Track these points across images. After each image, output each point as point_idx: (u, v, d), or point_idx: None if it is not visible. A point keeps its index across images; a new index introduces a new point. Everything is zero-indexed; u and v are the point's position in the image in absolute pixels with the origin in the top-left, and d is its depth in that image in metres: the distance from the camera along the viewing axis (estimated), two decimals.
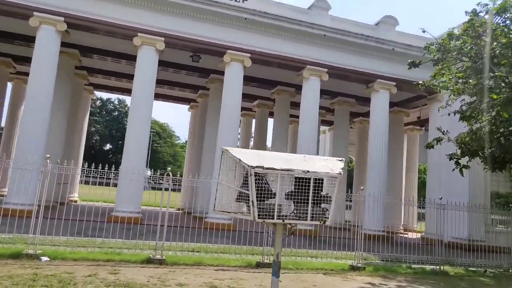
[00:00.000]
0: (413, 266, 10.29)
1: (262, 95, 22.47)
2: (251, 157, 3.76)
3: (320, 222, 3.79)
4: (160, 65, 16.73)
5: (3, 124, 22.38)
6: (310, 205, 3.72)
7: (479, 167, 16.75)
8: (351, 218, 20.67)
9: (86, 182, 11.32)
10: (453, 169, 9.67)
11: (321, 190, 3.89)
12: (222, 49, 16.07)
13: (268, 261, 8.59)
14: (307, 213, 3.73)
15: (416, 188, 24.95)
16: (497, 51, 8.73)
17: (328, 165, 3.96)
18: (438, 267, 10.08)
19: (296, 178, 3.88)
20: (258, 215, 3.61)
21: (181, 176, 9.62)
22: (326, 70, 17.33)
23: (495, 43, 9.02)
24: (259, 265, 8.47)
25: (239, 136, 28.07)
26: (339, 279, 7.86)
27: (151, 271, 6.89)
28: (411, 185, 24.55)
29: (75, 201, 21.38)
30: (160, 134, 74.96)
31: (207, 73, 19.39)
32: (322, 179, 3.88)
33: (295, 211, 3.81)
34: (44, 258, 7.16)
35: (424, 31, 10.14)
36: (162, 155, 74.19)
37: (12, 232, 8.28)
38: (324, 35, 16.95)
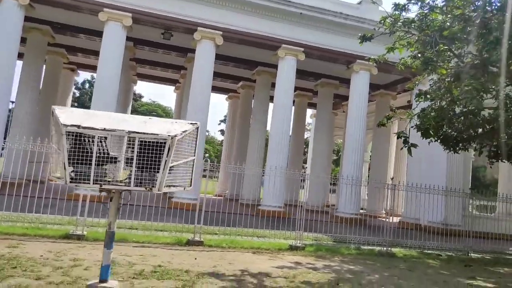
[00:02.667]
0: (362, 247, 9.98)
1: (246, 76, 22.02)
2: (78, 117, 3.48)
3: (146, 189, 3.50)
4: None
5: None
6: (134, 169, 3.43)
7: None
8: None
9: None
10: (401, 148, 9.23)
11: (163, 156, 3.60)
12: (193, 27, 15.68)
13: (198, 238, 8.40)
14: (132, 179, 3.45)
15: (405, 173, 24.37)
16: (447, 24, 8.18)
17: (168, 127, 3.66)
18: (384, 249, 9.75)
19: (141, 142, 3.61)
20: (72, 179, 3.34)
21: None
22: (303, 49, 16.79)
23: (449, 15, 8.46)
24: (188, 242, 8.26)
25: (226, 118, 27.76)
26: (265, 258, 7.61)
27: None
28: (401, 170, 24.07)
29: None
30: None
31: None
32: (163, 143, 3.58)
33: (128, 177, 3.53)
34: None
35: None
36: None
37: None
38: (301, 13, 16.37)
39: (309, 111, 27.76)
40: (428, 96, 8.88)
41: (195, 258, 6.93)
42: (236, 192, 19.67)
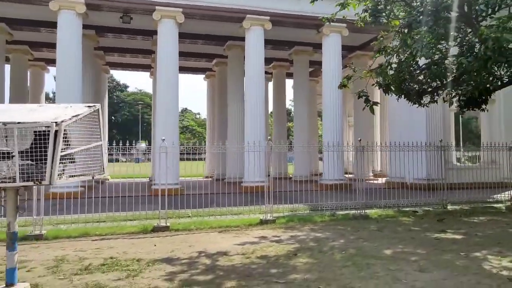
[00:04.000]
0: (338, 213, 9.83)
1: (219, 53, 21.42)
2: None
3: (35, 183, 3.22)
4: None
5: None
6: (17, 163, 3.13)
7: (436, 107, 16.04)
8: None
9: (112, 160, 11.34)
10: (363, 108, 8.93)
11: (49, 144, 3.29)
12: (151, 6, 15.06)
13: (164, 224, 8.20)
14: (17, 173, 3.15)
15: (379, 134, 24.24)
16: None
17: (59, 113, 3.33)
18: (358, 211, 9.60)
19: (30, 132, 3.30)
20: None
21: None
22: (269, 18, 16.25)
23: None
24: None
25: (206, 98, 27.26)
26: (230, 236, 7.43)
27: None
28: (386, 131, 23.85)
29: (107, 180, 21.43)
30: (150, 105, 74.40)
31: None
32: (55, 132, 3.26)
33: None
34: None
35: None
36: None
37: None
38: None
39: (290, 82, 27.33)
40: (387, 51, 8.51)
41: (155, 245, 6.74)
42: (222, 171, 19.59)
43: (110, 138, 11.61)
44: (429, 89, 9.29)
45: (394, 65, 8.52)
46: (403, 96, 9.06)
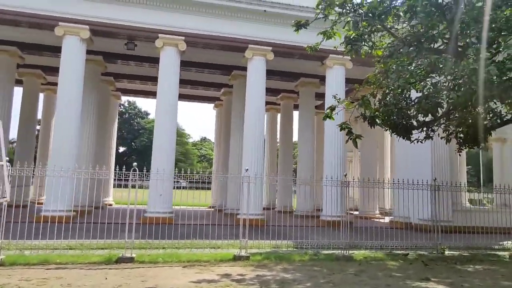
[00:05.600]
0: (323, 252, 9.17)
1: (226, 83, 21.48)
2: None
3: None
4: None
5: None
6: None
7: (442, 143, 15.33)
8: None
9: (119, 186, 11.20)
10: (346, 141, 8.46)
11: None
12: (154, 34, 15.27)
13: (129, 255, 7.75)
14: None
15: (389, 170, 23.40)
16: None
17: None
18: (342, 252, 8.88)
19: None
20: None
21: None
22: (271, 48, 16.21)
23: None
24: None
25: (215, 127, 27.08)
26: (192, 272, 6.89)
27: None
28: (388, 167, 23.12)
29: (110, 205, 21.53)
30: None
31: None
32: None
33: None
34: None
35: None
36: None
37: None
38: (265, 10, 15.83)
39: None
40: (371, 81, 8.13)
41: (106, 278, 6.30)
42: (224, 202, 19.15)
43: (129, 163, 11.67)
44: (417, 124, 8.80)
45: (378, 97, 8.10)
46: (390, 130, 8.56)
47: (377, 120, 8.09)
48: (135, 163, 8.53)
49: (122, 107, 77.00)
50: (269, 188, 24.76)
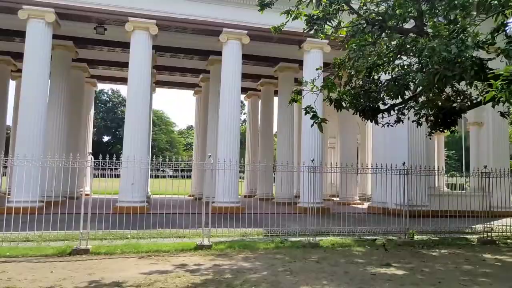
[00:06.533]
0: (290, 239, 9.00)
1: (203, 68, 20.99)
2: None
3: None
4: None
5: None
6: None
7: (418, 129, 15.22)
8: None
9: (97, 175, 10.72)
10: (311, 125, 8.22)
11: None
12: (124, 17, 14.71)
13: (84, 246, 7.45)
14: None
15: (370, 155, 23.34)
16: None
17: None
18: (307, 239, 8.71)
19: None
20: None
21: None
22: (246, 32, 15.77)
23: None
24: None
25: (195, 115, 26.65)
26: (146, 263, 6.60)
27: None
28: (369, 152, 23.01)
29: (87, 195, 20.99)
30: (154, 121, 74.52)
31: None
32: None
33: None
34: None
35: None
36: (158, 143, 73.98)
37: None
38: None
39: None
40: (336, 63, 7.85)
41: (52, 271, 6.00)
42: (202, 190, 18.90)
43: (114, 153, 11.36)
44: (389, 107, 8.58)
45: (344, 79, 7.84)
46: (358, 113, 8.33)
47: (343, 103, 7.83)
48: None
49: (106, 95, 75.80)
50: (250, 176, 24.58)
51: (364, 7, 7.37)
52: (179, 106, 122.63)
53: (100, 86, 32.54)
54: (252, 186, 23.74)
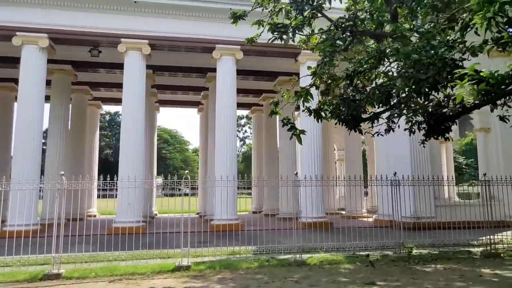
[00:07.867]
0: (278, 257, 8.57)
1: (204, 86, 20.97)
2: None
3: None
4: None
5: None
6: None
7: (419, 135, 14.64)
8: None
9: (104, 196, 10.63)
10: (290, 137, 7.89)
11: None
12: (117, 39, 14.82)
13: (56, 271, 7.19)
14: None
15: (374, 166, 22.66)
16: None
17: None
18: (293, 257, 8.25)
19: None
20: None
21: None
22: (239, 47, 15.66)
23: None
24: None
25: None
26: (116, 287, 6.35)
27: None
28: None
29: (94, 216, 21.13)
30: (168, 141, 75.17)
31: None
32: None
33: None
34: None
35: None
36: (173, 161, 74.38)
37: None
38: (230, 8, 15.27)
39: None
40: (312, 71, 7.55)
41: None
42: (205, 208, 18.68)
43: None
44: (374, 115, 8.19)
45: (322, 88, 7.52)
46: (340, 123, 7.96)
47: (322, 113, 7.49)
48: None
49: (119, 117, 77.02)
50: (257, 192, 24.19)
51: (346, 13, 7.09)
52: (193, 124, 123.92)
53: (110, 108, 32.90)
54: (260, 202, 23.36)
